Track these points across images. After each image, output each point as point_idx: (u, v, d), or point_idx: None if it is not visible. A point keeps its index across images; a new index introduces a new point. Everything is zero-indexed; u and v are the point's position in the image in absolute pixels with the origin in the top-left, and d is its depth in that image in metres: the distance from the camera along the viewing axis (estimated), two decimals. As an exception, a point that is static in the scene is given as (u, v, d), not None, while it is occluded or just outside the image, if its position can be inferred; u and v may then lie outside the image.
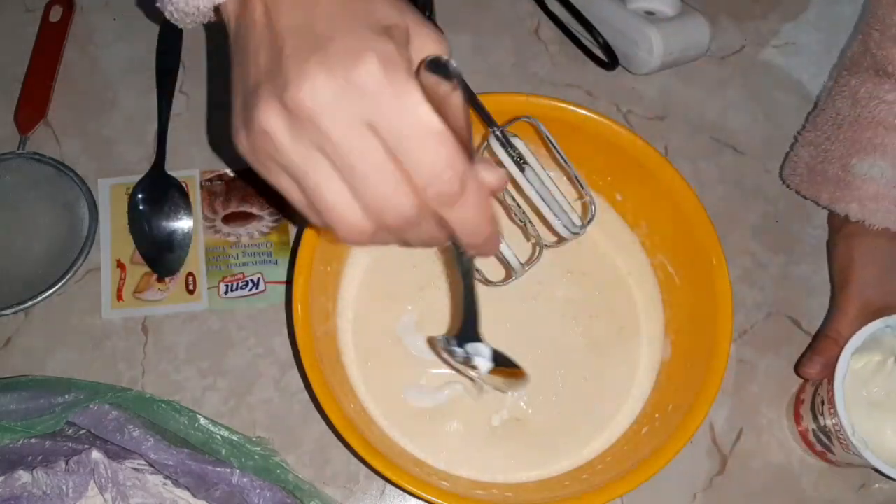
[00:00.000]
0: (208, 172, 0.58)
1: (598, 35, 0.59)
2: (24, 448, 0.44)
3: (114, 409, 0.46)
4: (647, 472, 0.44)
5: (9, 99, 0.59)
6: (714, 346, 0.47)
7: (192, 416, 0.48)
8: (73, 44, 0.61)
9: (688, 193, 0.50)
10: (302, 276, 0.46)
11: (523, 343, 0.52)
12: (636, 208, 0.54)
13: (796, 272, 0.58)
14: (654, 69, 0.59)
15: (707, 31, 0.59)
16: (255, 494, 0.45)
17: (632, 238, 0.55)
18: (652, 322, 0.53)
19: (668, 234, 0.52)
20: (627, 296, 0.54)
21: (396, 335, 0.52)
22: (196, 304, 0.55)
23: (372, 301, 0.53)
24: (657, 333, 0.53)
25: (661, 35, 0.57)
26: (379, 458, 0.43)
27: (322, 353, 0.46)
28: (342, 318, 0.52)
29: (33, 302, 0.53)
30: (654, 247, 0.54)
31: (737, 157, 0.61)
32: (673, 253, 0.52)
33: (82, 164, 0.58)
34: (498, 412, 0.51)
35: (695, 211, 0.49)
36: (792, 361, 0.55)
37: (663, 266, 0.53)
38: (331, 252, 0.50)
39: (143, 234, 0.56)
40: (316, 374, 0.44)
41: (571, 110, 0.51)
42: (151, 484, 0.44)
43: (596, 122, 0.50)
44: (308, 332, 0.45)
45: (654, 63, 0.58)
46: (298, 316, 0.45)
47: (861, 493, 0.53)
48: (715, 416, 0.54)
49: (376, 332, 0.52)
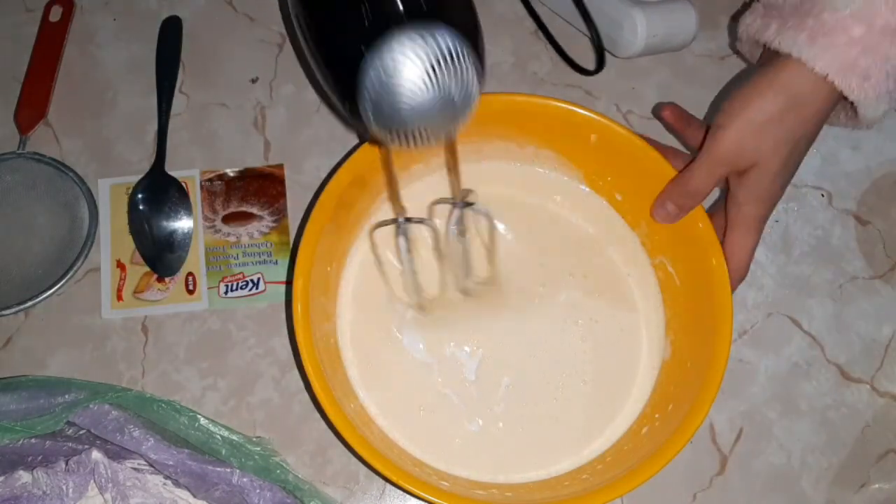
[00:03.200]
0: (208, 172, 0.58)
1: (595, 32, 0.59)
2: (24, 448, 0.44)
3: (114, 409, 0.46)
4: (647, 471, 0.44)
5: (9, 99, 0.59)
6: (714, 347, 0.46)
7: (192, 416, 0.48)
8: (73, 44, 0.61)
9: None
10: (302, 276, 0.46)
11: (524, 345, 0.52)
12: (636, 208, 0.54)
13: (796, 272, 0.58)
14: (638, 52, 0.58)
15: (693, 18, 0.59)
16: (255, 494, 0.45)
17: (632, 238, 0.55)
18: (652, 323, 0.53)
19: (668, 235, 0.52)
20: (628, 296, 0.54)
21: (396, 335, 0.52)
22: (196, 304, 0.55)
23: (371, 301, 0.53)
24: (657, 334, 0.53)
25: (644, 16, 0.57)
26: (379, 459, 0.43)
27: (322, 353, 0.46)
28: (342, 319, 0.52)
29: (33, 302, 0.53)
30: (655, 247, 0.54)
31: (737, 157, 0.61)
32: (673, 253, 0.52)
33: (82, 164, 0.58)
34: (499, 413, 0.51)
35: (694, 210, 0.49)
36: (792, 362, 0.55)
37: (663, 266, 0.53)
38: (331, 252, 0.50)
39: (143, 234, 0.56)
40: (316, 374, 0.44)
41: (570, 109, 0.50)
42: (151, 484, 0.44)
43: (594, 122, 0.50)
44: (308, 332, 0.45)
45: (638, 45, 0.58)
46: (298, 316, 0.45)
47: (861, 494, 0.53)
48: (715, 416, 0.54)
49: (376, 332, 0.52)
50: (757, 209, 0.49)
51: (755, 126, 0.47)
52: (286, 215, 0.57)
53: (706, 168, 0.48)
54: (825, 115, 0.48)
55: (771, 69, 0.47)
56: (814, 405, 0.55)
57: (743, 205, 0.49)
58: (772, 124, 0.46)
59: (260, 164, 0.58)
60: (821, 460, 0.53)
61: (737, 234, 0.49)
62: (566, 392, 0.51)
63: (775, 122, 0.46)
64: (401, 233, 0.50)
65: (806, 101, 0.46)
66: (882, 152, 0.61)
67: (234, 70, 0.61)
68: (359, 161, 0.49)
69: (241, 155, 0.59)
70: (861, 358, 0.56)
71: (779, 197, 0.50)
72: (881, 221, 0.59)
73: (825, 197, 0.60)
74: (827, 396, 0.55)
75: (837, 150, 0.61)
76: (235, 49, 0.62)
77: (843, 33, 0.44)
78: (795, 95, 0.46)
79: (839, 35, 0.44)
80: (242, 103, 0.60)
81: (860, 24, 0.44)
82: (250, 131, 0.60)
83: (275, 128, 0.60)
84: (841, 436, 0.54)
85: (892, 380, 0.55)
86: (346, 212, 0.51)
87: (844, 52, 0.44)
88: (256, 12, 0.63)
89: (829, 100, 0.47)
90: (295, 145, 0.59)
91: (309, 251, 0.47)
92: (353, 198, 0.51)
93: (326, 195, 0.48)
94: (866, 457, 0.54)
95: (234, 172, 0.58)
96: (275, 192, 0.58)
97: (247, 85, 0.61)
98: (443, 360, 0.52)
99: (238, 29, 0.62)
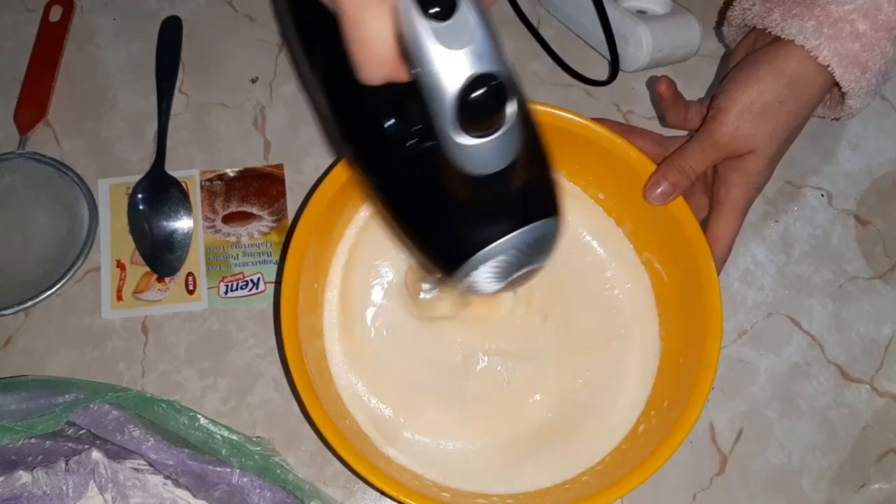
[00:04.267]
0: (208, 172, 0.58)
1: (613, 47, 0.58)
2: (24, 448, 0.44)
3: (114, 409, 0.46)
4: (648, 469, 0.44)
5: (8, 99, 0.59)
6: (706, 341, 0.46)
7: (192, 416, 0.48)
8: (73, 44, 0.61)
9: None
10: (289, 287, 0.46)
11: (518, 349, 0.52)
12: (620, 206, 0.53)
13: (796, 272, 0.58)
14: (643, 66, 0.58)
15: (697, 31, 0.59)
16: (255, 494, 0.45)
17: (620, 235, 0.54)
18: (645, 320, 0.53)
19: (653, 230, 0.52)
20: (619, 294, 0.54)
21: (391, 351, 0.52)
22: (196, 304, 0.55)
23: (360, 315, 0.52)
24: (650, 331, 0.53)
25: (650, 32, 0.57)
26: (380, 476, 0.43)
27: (313, 370, 0.46)
28: (329, 338, 0.52)
29: (33, 302, 0.53)
30: (641, 244, 0.53)
31: (737, 157, 0.61)
32: (658, 248, 0.52)
33: (82, 164, 0.58)
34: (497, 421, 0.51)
35: (677, 206, 0.49)
36: (792, 362, 0.55)
37: (650, 262, 0.53)
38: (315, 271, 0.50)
39: (142, 234, 0.55)
40: (311, 398, 0.44)
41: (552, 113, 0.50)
42: (151, 484, 0.44)
43: (577, 124, 0.50)
44: (298, 351, 0.45)
45: (643, 60, 0.58)
46: (289, 335, 0.45)
47: (861, 494, 0.53)
48: (715, 416, 0.54)
49: (367, 347, 0.52)
50: (747, 193, 0.49)
51: (754, 112, 0.47)
52: (286, 215, 0.57)
53: (703, 149, 0.48)
54: (818, 103, 0.49)
55: (770, 54, 0.48)
56: (814, 405, 0.55)
57: (733, 187, 0.49)
58: (771, 111, 0.47)
59: (260, 163, 0.58)
60: (821, 460, 0.53)
61: (724, 217, 0.50)
62: (562, 397, 0.51)
63: (774, 109, 0.47)
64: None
65: (803, 88, 0.47)
66: (882, 152, 0.61)
67: (234, 70, 0.61)
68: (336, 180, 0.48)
69: (241, 155, 0.59)
70: (861, 358, 0.56)
71: (765, 184, 0.50)
72: (881, 221, 0.59)
73: (825, 197, 0.60)
74: (827, 396, 0.55)
75: (837, 150, 0.61)
76: (235, 49, 0.62)
77: (849, 26, 0.45)
78: (794, 82, 0.47)
79: (844, 27, 0.45)
80: (242, 103, 0.60)
81: (865, 19, 0.46)
82: (250, 131, 0.59)
83: (275, 128, 0.60)
84: (841, 436, 0.54)
85: (892, 380, 0.55)
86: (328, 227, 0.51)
87: (848, 44, 0.46)
88: (256, 12, 0.63)
89: (824, 88, 0.48)
90: (295, 145, 0.59)
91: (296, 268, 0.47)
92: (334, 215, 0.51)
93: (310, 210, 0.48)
94: (866, 457, 0.54)
95: (234, 172, 0.58)
96: (275, 191, 0.58)
97: (247, 85, 0.61)
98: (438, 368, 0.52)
99: (238, 29, 0.62)
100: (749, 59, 0.50)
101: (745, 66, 0.49)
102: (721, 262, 0.50)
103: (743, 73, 0.48)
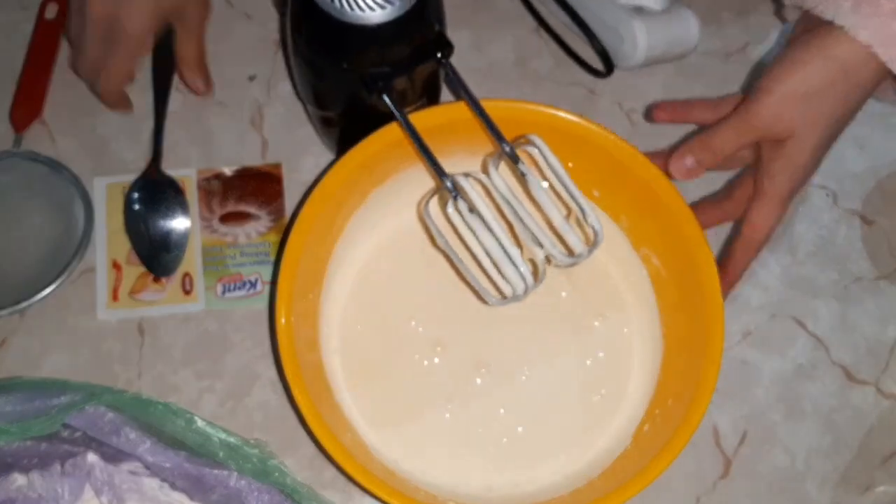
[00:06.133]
0: (205, 171, 0.57)
1: (595, 40, 0.58)
2: (19, 450, 0.44)
3: (110, 411, 0.45)
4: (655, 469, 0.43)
5: (3, 97, 0.58)
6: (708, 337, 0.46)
7: (189, 418, 0.47)
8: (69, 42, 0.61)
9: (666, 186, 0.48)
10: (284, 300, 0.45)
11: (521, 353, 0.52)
12: (616, 203, 0.53)
13: (801, 273, 0.57)
14: (639, 63, 0.58)
15: (695, 28, 0.59)
16: (252, 497, 0.45)
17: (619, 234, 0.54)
18: (645, 317, 0.52)
19: (650, 226, 0.51)
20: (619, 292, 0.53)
21: (388, 360, 0.51)
22: (193, 305, 0.54)
23: (358, 325, 0.52)
24: (651, 329, 0.52)
25: (646, 29, 0.57)
26: (384, 488, 0.43)
27: (311, 382, 0.46)
28: (326, 349, 0.51)
29: (28, 303, 0.53)
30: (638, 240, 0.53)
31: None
32: (655, 243, 0.51)
33: (77, 163, 0.57)
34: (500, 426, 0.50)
35: (673, 200, 0.48)
36: (797, 363, 0.55)
37: (649, 258, 0.52)
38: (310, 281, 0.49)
39: (139, 234, 0.55)
40: (312, 413, 0.44)
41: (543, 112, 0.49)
42: (148, 487, 0.44)
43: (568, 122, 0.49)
44: (296, 365, 0.44)
45: (639, 57, 0.57)
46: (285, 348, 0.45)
47: (866, 496, 0.52)
48: (719, 418, 0.54)
49: (365, 357, 0.51)
50: (790, 182, 0.48)
51: (798, 96, 0.45)
52: (284, 215, 0.57)
53: (736, 129, 0.47)
54: (870, 91, 0.47)
55: (813, 36, 0.46)
56: (819, 407, 0.54)
57: (776, 176, 0.48)
58: (816, 96, 0.45)
59: (257, 162, 0.58)
60: (826, 463, 0.53)
61: (764, 205, 0.48)
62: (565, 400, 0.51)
63: (819, 94, 0.45)
64: (452, 197, 0.44)
65: (852, 74, 0.45)
66: (888, 152, 0.61)
67: (232, 68, 0.61)
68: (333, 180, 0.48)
69: (239, 154, 0.58)
70: (866, 359, 0.56)
71: (811, 174, 0.49)
72: (887, 221, 0.59)
73: (830, 197, 0.60)
74: (832, 398, 0.55)
75: (843, 149, 0.60)
76: (233, 47, 0.61)
77: (887, 3, 0.43)
78: (843, 67, 0.45)
79: (883, 5, 0.43)
80: (240, 101, 0.60)
81: None
82: (247, 130, 0.59)
83: (272, 126, 0.59)
84: (846, 438, 0.54)
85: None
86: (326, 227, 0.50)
87: (888, 22, 0.43)
88: (253, 10, 0.62)
89: (875, 74, 0.45)
90: (293, 144, 0.59)
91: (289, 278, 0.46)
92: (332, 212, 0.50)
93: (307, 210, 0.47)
94: (872, 459, 0.53)
95: (231, 171, 0.58)
96: (272, 191, 0.57)
97: (244, 83, 0.60)
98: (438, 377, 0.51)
99: (235, 26, 0.62)
100: (801, 39, 0.47)
101: (797, 47, 0.47)
102: (755, 250, 0.49)
103: (791, 54, 0.46)
